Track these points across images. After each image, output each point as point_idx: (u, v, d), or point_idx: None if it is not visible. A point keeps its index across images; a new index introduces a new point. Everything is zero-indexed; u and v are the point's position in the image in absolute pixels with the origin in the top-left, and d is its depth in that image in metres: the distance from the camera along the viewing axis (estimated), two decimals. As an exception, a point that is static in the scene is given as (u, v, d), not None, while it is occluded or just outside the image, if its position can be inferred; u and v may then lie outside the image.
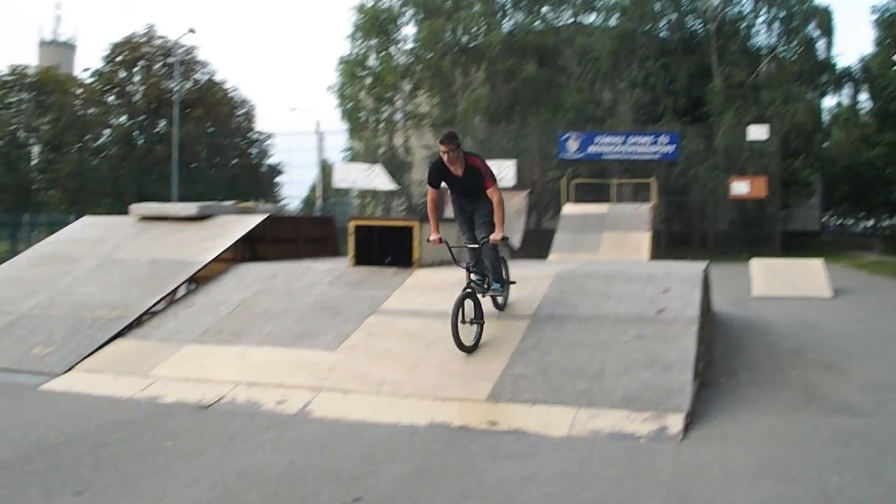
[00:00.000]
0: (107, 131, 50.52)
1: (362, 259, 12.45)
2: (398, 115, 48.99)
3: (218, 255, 12.64)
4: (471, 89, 45.74)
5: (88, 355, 9.91)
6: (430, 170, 9.43)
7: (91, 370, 9.58)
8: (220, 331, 10.38)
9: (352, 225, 12.76)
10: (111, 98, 50.48)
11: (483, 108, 44.38)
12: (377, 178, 41.57)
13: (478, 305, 9.13)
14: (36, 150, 47.51)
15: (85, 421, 7.70)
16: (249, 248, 14.01)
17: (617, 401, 7.62)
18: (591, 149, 39.81)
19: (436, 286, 11.14)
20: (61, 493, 5.66)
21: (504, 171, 35.78)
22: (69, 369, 9.63)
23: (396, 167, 44.63)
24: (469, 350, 8.84)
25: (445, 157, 9.08)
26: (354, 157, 47.86)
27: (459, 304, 8.76)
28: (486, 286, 9.50)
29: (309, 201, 55.53)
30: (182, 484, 5.83)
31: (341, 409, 7.92)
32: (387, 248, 12.61)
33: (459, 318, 8.72)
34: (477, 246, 9.38)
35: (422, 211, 38.45)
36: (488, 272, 9.54)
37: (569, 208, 31.98)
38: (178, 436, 7.14)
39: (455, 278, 11.33)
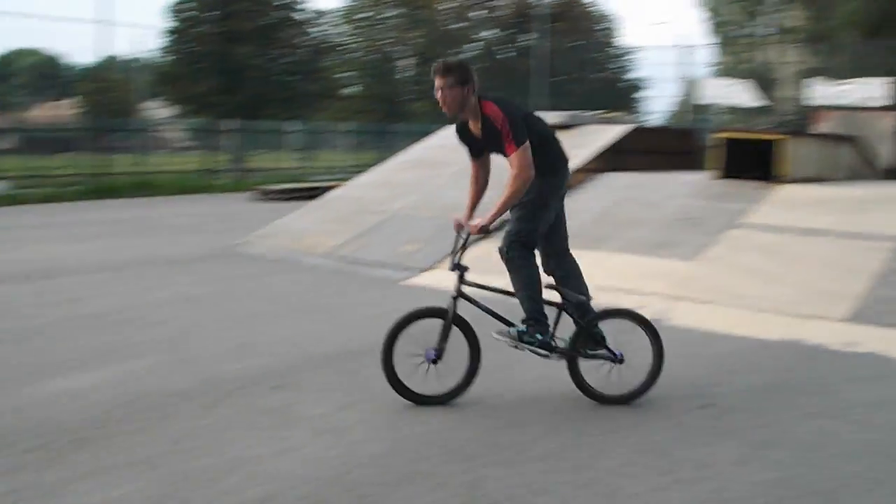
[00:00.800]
0: (472, 45, 51.89)
1: (727, 172, 12.22)
2: (765, 30, 46.96)
3: (583, 164, 12.82)
4: (844, 1, 42.95)
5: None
6: (455, 130, 6.03)
7: (454, 268, 10.10)
8: (581, 236, 10.56)
9: (720, 136, 12.53)
10: (477, 12, 51.72)
11: (857, 21, 41.56)
12: (743, 94, 40.22)
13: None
14: (407, 62, 49.61)
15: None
16: (614, 158, 14.09)
17: None
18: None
19: (802, 202, 10.80)
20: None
21: (876, 89, 33.49)
22: (433, 266, 10.25)
23: (764, 83, 42.92)
24: None
25: (440, 100, 5.70)
26: (719, 72, 46.49)
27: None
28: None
29: (672, 116, 54.67)
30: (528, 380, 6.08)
31: (696, 318, 7.92)
32: (750, 162, 12.29)
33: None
34: None
35: (786, 128, 36.93)
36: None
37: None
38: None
39: (822, 195, 10.94)
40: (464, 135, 5.87)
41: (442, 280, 9.69)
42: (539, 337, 5.50)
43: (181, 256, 11.90)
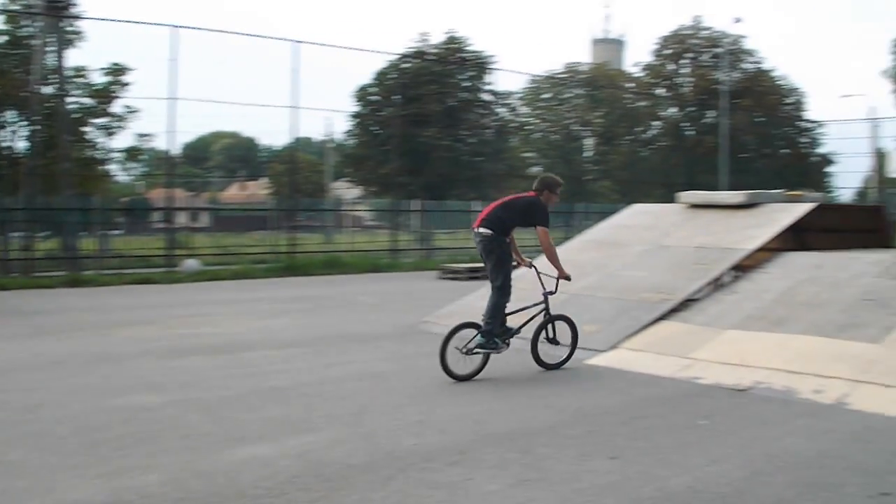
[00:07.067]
0: (656, 123, 51.65)
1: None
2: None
3: (763, 244, 12.59)
4: None
5: (632, 334, 10.43)
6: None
7: (633, 349, 10.09)
8: (761, 318, 10.38)
9: (907, 213, 12.11)
10: (660, 90, 51.56)
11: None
12: (936, 168, 38.57)
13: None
14: (589, 142, 49.79)
15: (624, 395, 8.19)
16: (796, 238, 13.76)
17: None
18: None
19: None
20: (596, 456, 6.06)
21: None
22: (613, 347, 10.22)
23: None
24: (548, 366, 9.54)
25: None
26: (916, 144, 44.81)
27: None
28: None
29: (862, 192, 52.87)
30: (711, 460, 5.96)
31: (880, 403, 7.59)
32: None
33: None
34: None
35: None
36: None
37: None
38: (711, 415, 7.30)
39: None
40: None
41: (623, 360, 9.67)
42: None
43: (365, 334, 12.22)
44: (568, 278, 9.49)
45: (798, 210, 13.66)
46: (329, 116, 74.09)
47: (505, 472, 5.68)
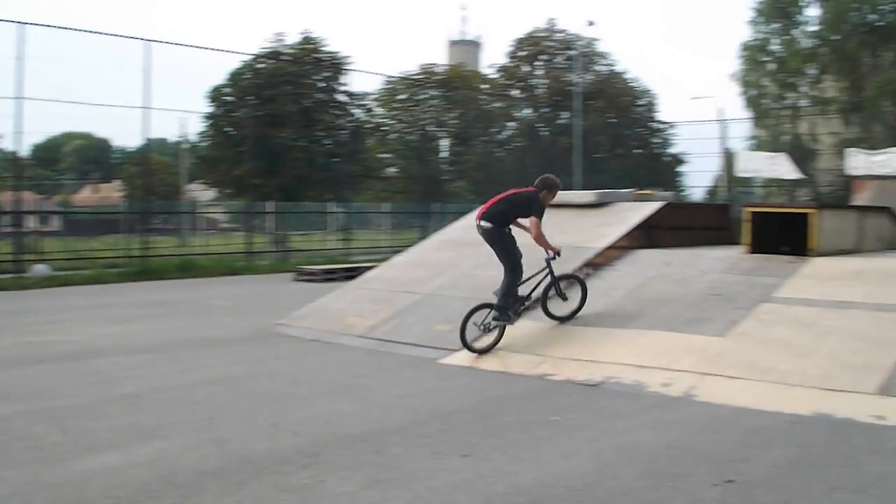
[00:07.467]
0: (511, 124, 52.34)
1: (757, 246, 12.28)
2: (803, 102, 46.97)
3: (614, 242, 12.93)
4: (880, 71, 42.93)
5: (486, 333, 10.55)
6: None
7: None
8: (612, 314, 10.69)
9: (747, 211, 12.62)
10: (515, 92, 52.24)
11: (893, 91, 41.49)
12: (781, 167, 40.13)
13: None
14: (445, 143, 50.04)
15: (477, 393, 8.35)
16: (646, 235, 14.15)
17: None
18: None
19: (833, 275, 10.83)
20: (449, 454, 6.18)
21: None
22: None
23: (802, 156, 42.84)
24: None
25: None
26: (758, 145, 46.48)
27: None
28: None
29: (712, 191, 54.62)
30: (561, 454, 6.15)
31: (725, 394, 7.93)
32: (783, 235, 12.33)
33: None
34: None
35: (826, 200, 36.87)
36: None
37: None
38: (563, 411, 7.50)
39: (853, 267, 10.98)
40: None
41: (475, 359, 9.82)
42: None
43: (219, 338, 12.10)
44: (558, 252, 10.56)
45: (647, 208, 14.07)
46: (183, 117, 72.74)
47: (358, 472, 5.73)
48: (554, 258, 10.54)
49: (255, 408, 7.73)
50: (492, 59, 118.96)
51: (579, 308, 10.82)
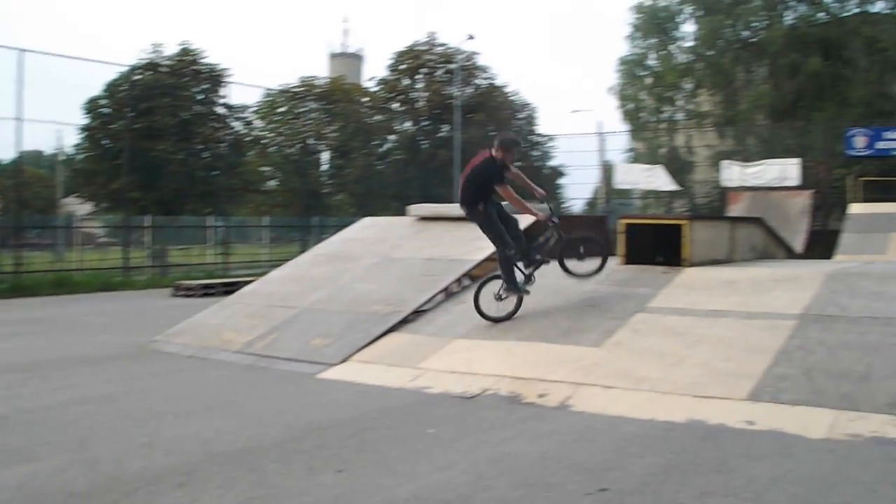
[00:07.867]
0: (391, 137, 52.35)
1: (632, 258, 12.53)
2: (679, 115, 48.21)
3: (491, 254, 13.00)
4: (753, 86, 44.38)
5: (363, 347, 10.58)
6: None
7: (364, 361, 10.24)
8: (489, 326, 10.76)
9: (622, 223, 12.86)
10: (395, 105, 52.30)
11: (766, 105, 42.94)
12: (658, 179, 41.03)
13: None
14: (325, 156, 49.81)
15: (354, 407, 8.30)
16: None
17: (881, 405, 7.28)
18: (880, 145, 37.26)
19: (705, 284, 11.11)
20: (324, 470, 6.12)
21: (788, 170, 34.44)
22: (344, 360, 10.33)
23: (678, 168, 43.92)
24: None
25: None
26: (635, 157, 47.51)
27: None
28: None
29: (592, 202, 55.50)
30: (437, 467, 6.15)
31: (601, 403, 8.03)
32: (658, 247, 12.61)
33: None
34: None
35: (702, 211, 37.83)
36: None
37: (856, 208, 30.32)
38: (439, 424, 7.51)
39: (725, 276, 11.29)
40: None
41: (354, 372, 9.78)
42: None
43: (93, 355, 11.79)
44: (550, 206, 11.46)
45: (524, 221, 14.21)
46: (59, 129, 70.92)
47: (232, 490, 5.65)
48: (552, 219, 10.96)
49: (128, 427, 7.55)
50: (373, 72, 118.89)
51: (601, 267, 11.21)
